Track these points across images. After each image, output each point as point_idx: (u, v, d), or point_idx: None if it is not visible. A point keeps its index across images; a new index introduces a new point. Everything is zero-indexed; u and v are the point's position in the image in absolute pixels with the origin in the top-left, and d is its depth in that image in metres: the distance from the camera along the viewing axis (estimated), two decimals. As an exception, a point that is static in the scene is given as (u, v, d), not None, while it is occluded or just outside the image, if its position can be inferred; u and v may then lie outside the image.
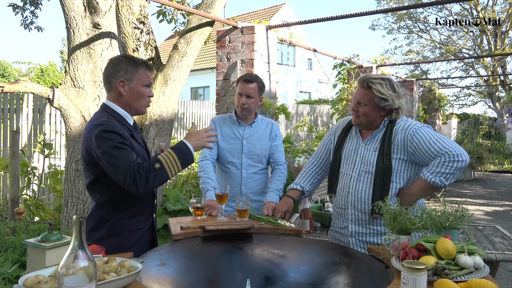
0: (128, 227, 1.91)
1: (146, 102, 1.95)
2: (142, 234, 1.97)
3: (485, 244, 3.36)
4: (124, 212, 1.89)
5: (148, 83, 1.94)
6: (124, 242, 1.88)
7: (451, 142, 1.96)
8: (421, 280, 1.22)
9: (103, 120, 1.82)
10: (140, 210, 1.96)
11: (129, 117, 1.95)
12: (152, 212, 2.05)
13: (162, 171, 1.76)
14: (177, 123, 9.40)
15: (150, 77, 1.96)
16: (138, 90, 1.90)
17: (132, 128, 1.95)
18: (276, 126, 2.84)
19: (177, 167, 1.80)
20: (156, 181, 1.75)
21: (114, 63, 1.90)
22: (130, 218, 1.91)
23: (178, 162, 1.80)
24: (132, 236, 1.92)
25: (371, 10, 4.18)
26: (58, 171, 4.81)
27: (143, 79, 1.91)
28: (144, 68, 1.93)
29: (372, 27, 23.52)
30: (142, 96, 1.92)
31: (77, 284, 1.02)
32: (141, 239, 1.96)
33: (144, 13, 4.07)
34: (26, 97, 6.07)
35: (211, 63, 19.93)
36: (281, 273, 1.61)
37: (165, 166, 1.77)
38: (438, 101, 12.12)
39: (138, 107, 1.94)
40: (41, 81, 26.38)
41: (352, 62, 7.33)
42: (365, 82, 2.06)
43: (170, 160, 1.79)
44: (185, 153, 1.83)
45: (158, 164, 1.75)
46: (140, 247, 1.93)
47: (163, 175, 1.77)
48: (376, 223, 2.07)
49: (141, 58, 1.99)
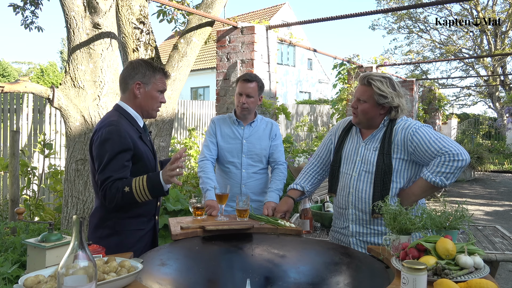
0: (130, 227, 1.93)
1: (157, 106, 2.01)
2: (144, 235, 1.98)
3: (485, 244, 3.36)
4: (126, 212, 1.91)
5: (162, 89, 2.00)
6: (125, 242, 1.89)
7: (451, 141, 1.96)
8: (421, 280, 1.22)
9: (112, 120, 1.87)
10: (143, 212, 1.97)
11: (139, 118, 2.00)
12: (155, 214, 2.06)
13: (129, 195, 1.80)
14: (177, 123, 9.40)
15: (165, 84, 2.02)
16: (152, 94, 1.97)
17: (141, 130, 1.99)
18: (276, 125, 2.84)
19: (146, 195, 1.83)
20: (123, 202, 1.81)
21: (134, 65, 1.97)
22: (132, 218, 1.93)
23: (147, 191, 1.82)
24: (133, 236, 1.93)
25: (371, 10, 4.18)
26: (58, 171, 4.82)
27: (158, 85, 1.98)
28: (161, 74, 2.00)
29: (372, 27, 23.54)
30: (155, 101, 1.98)
31: (77, 284, 1.02)
32: (142, 240, 1.98)
33: (144, 13, 4.07)
34: (26, 97, 6.07)
35: (211, 63, 19.93)
36: (281, 273, 1.61)
37: (133, 192, 1.81)
38: (438, 101, 12.12)
39: (150, 110, 2.00)
40: (41, 81, 26.38)
41: (352, 62, 7.33)
42: (366, 79, 2.07)
43: (140, 187, 1.82)
44: (154, 184, 1.82)
45: (128, 188, 1.80)
46: (141, 248, 1.94)
47: (130, 199, 1.81)
48: (377, 223, 2.07)
49: (159, 65, 2.06)
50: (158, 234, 2.13)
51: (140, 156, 1.90)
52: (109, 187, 1.79)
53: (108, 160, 1.80)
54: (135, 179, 1.82)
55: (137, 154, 1.89)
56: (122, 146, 1.81)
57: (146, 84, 1.95)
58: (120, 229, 1.91)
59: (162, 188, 1.82)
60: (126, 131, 1.85)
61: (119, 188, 1.79)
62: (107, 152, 1.81)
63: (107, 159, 1.80)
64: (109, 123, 1.85)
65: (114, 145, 1.81)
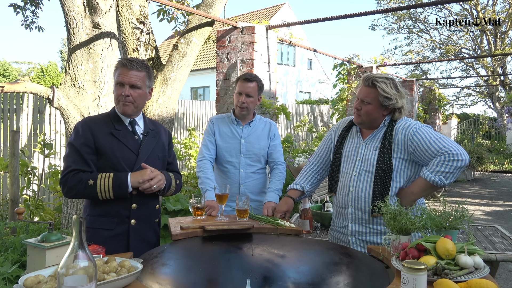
0: (95, 225, 1.92)
1: (119, 100, 1.94)
2: (111, 237, 1.91)
3: (485, 244, 3.36)
4: (94, 208, 1.94)
5: (119, 81, 1.93)
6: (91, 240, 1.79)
7: (451, 141, 1.96)
8: (421, 280, 1.22)
9: (86, 117, 2.02)
10: (111, 211, 1.93)
11: (123, 116, 2.01)
12: (129, 217, 1.95)
13: (92, 189, 1.84)
14: (177, 123, 9.40)
15: (126, 76, 1.92)
16: (115, 88, 1.98)
17: (120, 127, 1.97)
18: (274, 125, 2.83)
19: (109, 193, 1.86)
20: (84, 194, 1.85)
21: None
22: (99, 217, 1.93)
23: (111, 189, 1.85)
24: (98, 235, 1.89)
25: (371, 10, 4.18)
26: (58, 171, 4.81)
27: (117, 79, 1.96)
28: (121, 66, 1.95)
29: (372, 27, 23.55)
30: (116, 94, 1.96)
31: (77, 284, 1.02)
32: (110, 241, 1.86)
33: (144, 13, 4.07)
34: (26, 97, 6.07)
35: (211, 63, 19.93)
36: (281, 273, 1.61)
37: (97, 187, 1.83)
38: (438, 101, 12.12)
39: (116, 106, 2.00)
40: (41, 81, 26.38)
41: (352, 62, 7.33)
42: (370, 80, 2.07)
43: (104, 184, 1.84)
44: (120, 184, 1.85)
45: (92, 181, 1.83)
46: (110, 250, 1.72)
47: (92, 192, 1.84)
48: (376, 222, 2.07)
49: (124, 58, 2.02)
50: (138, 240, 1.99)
51: (103, 151, 1.90)
52: (71, 176, 1.83)
53: (69, 151, 1.89)
54: (101, 175, 1.85)
55: (98, 149, 1.90)
56: (79, 139, 1.88)
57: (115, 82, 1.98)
58: (88, 226, 1.91)
59: (127, 190, 1.86)
60: (88, 126, 1.91)
61: (82, 180, 1.83)
62: (68, 144, 1.91)
63: (68, 151, 1.90)
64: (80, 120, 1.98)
65: (75, 139, 1.89)
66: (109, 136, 1.93)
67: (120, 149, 1.93)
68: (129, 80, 1.92)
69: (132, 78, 1.92)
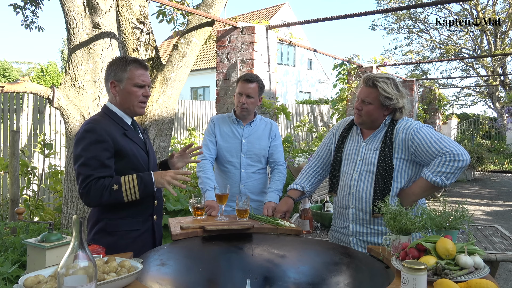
0: (122, 228, 1.89)
1: (139, 101, 1.93)
2: (139, 236, 1.93)
3: (485, 244, 3.36)
4: (117, 212, 1.88)
5: (139, 83, 1.91)
6: (118, 243, 1.85)
7: (452, 141, 1.96)
8: (421, 280, 1.22)
9: (92, 119, 1.88)
10: (136, 211, 1.92)
11: (126, 117, 1.97)
12: (153, 214, 2.00)
13: (118, 194, 1.78)
14: (177, 123, 9.40)
15: (143, 76, 1.92)
16: (128, 90, 1.91)
17: (128, 127, 1.94)
18: (275, 126, 2.83)
19: (135, 195, 1.82)
20: (110, 200, 1.78)
21: (109, 65, 1.96)
22: (124, 219, 1.89)
23: (137, 191, 1.81)
24: (126, 237, 1.89)
25: (371, 10, 4.18)
26: (58, 171, 4.82)
27: (133, 79, 1.90)
28: (133, 66, 1.91)
29: (372, 27, 23.55)
30: (133, 96, 1.91)
31: (77, 284, 1.02)
32: (138, 241, 1.92)
33: (144, 13, 4.07)
34: (26, 97, 6.07)
35: (211, 63, 19.93)
36: (281, 273, 1.61)
37: (123, 190, 1.79)
38: (438, 101, 12.12)
39: (131, 107, 1.93)
40: (42, 81, 26.38)
41: (352, 62, 7.32)
42: (370, 80, 2.07)
43: (130, 186, 1.80)
44: (146, 185, 1.83)
45: (117, 186, 1.78)
46: (138, 249, 1.85)
47: (118, 197, 1.79)
48: (377, 223, 2.07)
49: (132, 57, 1.97)
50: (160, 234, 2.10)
51: (124, 153, 1.86)
52: (93, 183, 1.75)
53: (87, 159, 1.77)
54: (124, 178, 1.80)
55: (119, 150, 1.84)
56: (97, 144, 1.78)
57: (120, 81, 1.90)
58: (112, 230, 1.88)
59: (153, 189, 1.85)
60: (104, 129, 1.81)
61: (106, 186, 1.76)
62: (84, 150, 1.77)
63: (84, 158, 1.77)
64: (86, 122, 1.86)
65: (91, 144, 1.78)
66: (124, 137, 1.90)
67: (136, 149, 1.94)
68: (149, 80, 1.96)
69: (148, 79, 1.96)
